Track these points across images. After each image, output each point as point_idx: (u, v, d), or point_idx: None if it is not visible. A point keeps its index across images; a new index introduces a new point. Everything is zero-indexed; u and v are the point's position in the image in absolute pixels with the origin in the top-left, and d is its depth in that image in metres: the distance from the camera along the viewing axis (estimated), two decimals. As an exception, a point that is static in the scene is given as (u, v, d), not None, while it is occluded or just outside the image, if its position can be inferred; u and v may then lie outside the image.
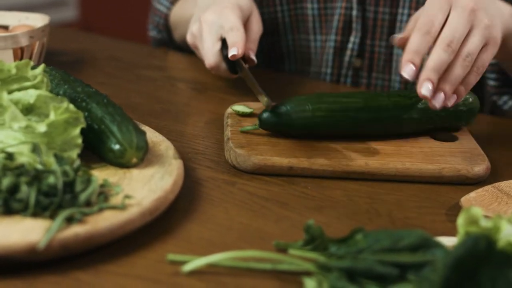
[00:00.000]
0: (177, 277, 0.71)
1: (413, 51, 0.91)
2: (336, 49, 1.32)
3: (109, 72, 1.28)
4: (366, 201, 0.87)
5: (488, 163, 0.95)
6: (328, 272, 0.69)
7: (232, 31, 1.05)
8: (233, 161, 0.93)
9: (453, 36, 0.92)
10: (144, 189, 0.80)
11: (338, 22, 1.30)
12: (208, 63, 1.09)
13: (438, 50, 0.91)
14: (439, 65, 0.91)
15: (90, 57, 1.35)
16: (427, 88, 0.90)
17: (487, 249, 0.64)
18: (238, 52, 1.04)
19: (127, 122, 0.85)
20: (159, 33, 1.44)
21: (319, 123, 0.96)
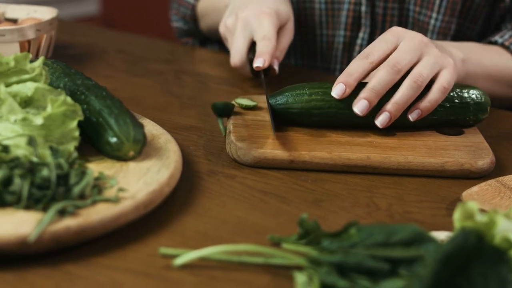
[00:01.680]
0: (169, 271, 0.70)
1: (347, 73, 0.94)
2: (345, 44, 1.31)
3: (117, 65, 1.28)
4: (366, 195, 0.86)
5: (492, 157, 0.93)
6: (319, 266, 0.68)
7: (264, 40, 1.06)
8: (234, 154, 0.92)
9: (399, 59, 0.94)
10: (140, 182, 0.80)
11: (347, 18, 1.29)
12: (233, 62, 1.11)
13: (380, 71, 0.94)
14: (379, 85, 0.93)
15: (98, 50, 1.35)
16: (360, 105, 0.93)
17: (478, 244, 0.63)
18: (263, 64, 1.05)
19: (125, 115, 0.85)
20: (186, 24, 1.45)
21: (317, 107, 0.95)
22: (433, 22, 1.26)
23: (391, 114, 0.95)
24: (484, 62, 1.15)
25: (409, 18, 1.28)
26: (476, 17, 1.29)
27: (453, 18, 1.26)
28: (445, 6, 1.25)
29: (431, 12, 1.26)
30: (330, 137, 0.95)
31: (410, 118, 0.95)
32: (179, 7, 1.45)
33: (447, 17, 1.26)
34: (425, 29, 1.27)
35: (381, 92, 0.94)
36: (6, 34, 1.12)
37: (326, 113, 0.96)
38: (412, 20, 1.28)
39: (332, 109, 0.96)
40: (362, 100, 0.94)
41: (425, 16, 1.26)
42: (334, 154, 0.91)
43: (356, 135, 0.96)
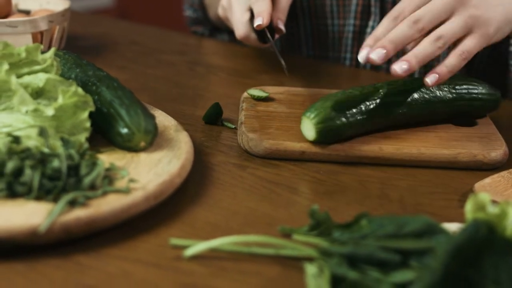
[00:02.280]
0: (179, 262, 0.70)
1: (374, 37, 0.91)
2: (355, 33, 1.31)
3: (130, 56, 1.28)
4: (378, 187, 0.86)
5: (505, 149, 0.92)
6: (330, 257, 0.68)
7: (258, 1, 1.05)
8: (245, 145, 0.92)
9: (423, 15, 0.90)
10: (150, 173, 0.79)
11: (356, 6, 1.28)
12: (238, 34, 1.10)
13: (401, 25, 0.90)
14: (398, 38, 0.90)
15: (111, 41, 1.35)
16: (378, 53, 0.89)
17: (489, 236, 0.62)
18: (263, 21, 1.04)
19: (136, 105, 0.85)
20: (195, 12, 1.44)
21: None
22: None
23: (410, 64, 0.89)
24: None
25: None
26: None
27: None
28: None
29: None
30: (341, 129, 0.94)
31: (428, 82, 0.91)
32: None
33: None
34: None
35: (399, 45, 0.90)
36: (19, 26, 1.12)
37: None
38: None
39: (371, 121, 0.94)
40: (380, 49, 0.89)
41: None
42: (346, 145, 0.90)
43: (368, 126, 0.95)
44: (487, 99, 1.00)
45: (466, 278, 0.62)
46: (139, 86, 1.13)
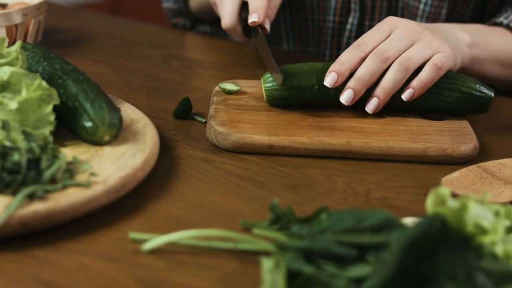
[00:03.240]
0: (137, 256, 0.70)
1: (339, 62, 0.94)
2: (334, 30, 1.30)
3: (107, 50, 1.27)
4: (345, 180, 0.86)
5: (476, 143, 0.92)
6: (286, 252, 0.67)
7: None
8: (213, 139, 0.91)
9: (387, 47, 0.94)
10: (113, 166, 0.79)
11: (336, 3, 1.28)
12: (224, 24, 1.09)
13: (367, 60, 0.94)
14: (366, 74, 0.93)
15: (89, 34, 1.34)
16: (347, 95, 0.94)
17: (443, 231, 0.62)
18: (258, 19, 1.04)
19: (101, 99, 0.84)
20: (175, 3, 1.43)
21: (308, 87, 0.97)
22: (422, 7, 1.25)
23: (380, 100, 0.94)
24: (491, 45, 1.13)
25: (399, 3, 1.27)
26: (467, 1, 1.27)
27: (443, 3, 1.25)
28: None
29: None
30: (311, 122, 0.94)
31: (404, 98, 0.95)
32: None
33: (437, 2, 1.24)
34: (414, 14, 1.25)
35: (368, 82, 0.94)
36: (-8, 19, 1.12)
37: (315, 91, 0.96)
38: (401, 5, 1.27)
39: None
40: (348, 90, 0.94)
41: (414, 1, 1.25)
42: (315, 139, 0.90)
43: (338, 119, 0.95)
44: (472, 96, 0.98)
45: (422, 273, 0.62)
46: (113, 80, 1.12)
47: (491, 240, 0.68)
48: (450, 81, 0.97)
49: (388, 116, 0.97)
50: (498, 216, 0.73)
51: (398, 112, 0.98)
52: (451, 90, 0.96)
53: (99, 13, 1.54)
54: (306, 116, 0.95)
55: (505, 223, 0.71)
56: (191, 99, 1.02)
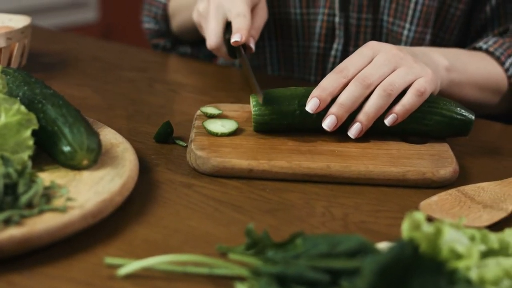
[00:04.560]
0: (112, 281, 0.70)
1: (321, 87, 0.94)
2: (319, 56, 1.31)
3: (90, 73, 1.27)
4: (323, 204, 0.86)
5: (455, 166, 0.92)
6: (260, 277, 0.67)
7: (239, 17, 1.06)
8: (193, 163, 0.92)
9: (369, 73, 0.94)
10: (91, 191, 0.79)
11: (321, 29, 1.29)
12: (209, 44, 1.10)
13: (349, 86, 0.94)
14: (348, 100, 0.93)
15: (73, 58, 1.34)
16: (329, 121, 0.94)
17: (415, 256, 0.62)
18: (241, 39, 1.05)
19: (80, 124, 0.84)
20: (157, 24, 1.44)
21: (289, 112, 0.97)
22: (406, 33, 1.25)
23: (363, 124, 0.94)
24: (469, 69, 1.15)
25: (383, 29, 1.28)
26: (451, 27, 1.28)
27: (427, 29, 1.26)
28: (418, 16, 1.24)
29: (404, 23, 1.25)
30: (291, 146, 0.94)
31: (386, 123, 0.95)
32: (150, 7, 1.44)
33: (421, 28, 1.25)
34: (398, 39, 1.26)
35: (350, 107, 0.94)
36: (-24, 43, 1.12)
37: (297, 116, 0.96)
38: (386, 31, 1.27)
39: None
40: (330, 116, 0.94)
41: (398, 26, 1.26)
42: (294, 163, 0.90)
43: (319, 143, 0.95)
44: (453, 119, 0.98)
45: (394, 298, 0.62)
46: (95, 103, 1.13)
47: (465, 265, 0.68)
48: (431, 105, 0.97)
49: (368, 140, 0.97)
50: (473, 240, 0.74)
51: (379, 135, 0.98)
52: (432, 113, 0.97)
53: (84, 36, 1.54)
54: (286, 140, 0.96)
55: (480, 248, 0.72)
56: (174, 122, 1.03)
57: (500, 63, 1.20)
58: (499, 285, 0.69)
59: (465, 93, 1.14)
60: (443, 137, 0.99)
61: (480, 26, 1.30)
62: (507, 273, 0.69)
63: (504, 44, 1.21)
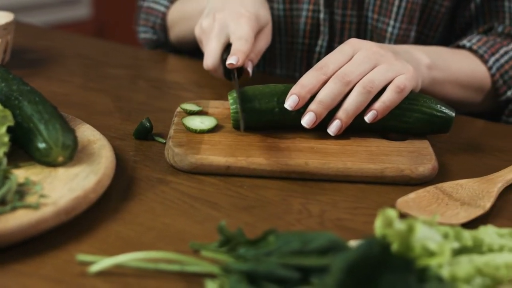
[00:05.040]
0: (83, 278, 0.69)
1: (300, 84, 0.94)
2: (303, 52, 1.31)
3: (74, 70, 1.27)
4: (300, 201, 0.86)
5: (434, 163, 0.92)
6: (231, 274, 0.67)
7: (240, 40, 1.04)
8: (171, 160, 0.91)
9: (349, 70, 0.94)
10: (65, 188, 0.79)
11: (305, 25, 1.28)
12: (206, 64, 1.08)
13: (329, 83, 0.94)
14: (328, 97, 0.93)
15: (58, 54, 1.34)
16: (308, 118, 0.94)
17: (383, 254, 0.62)
18: (237, 62, 1.02)
19: (55, 120, 0.84)
20: (155, 34, 1.41)
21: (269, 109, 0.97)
22: (391, 30, 1.25)
23: (342, 122, 0.94)
24: (451, 67, 1.14)
25: (368, 25, 1.27)
26: (436, 24, 1.28)
27: (411, 26, 1.26)
28: (402, 13, 1.24)
29: (388, 20, 1.25)
30: (269, 143, 0.94)
31: (366, 120, 0.95)
32: (148, 17, 1.41)
33: (405, 25, 1.25)
34: (383, 36, 1.26)
35: (330, 104, 0.94)
36: (-43, 39, 1.12)
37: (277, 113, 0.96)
38: (370, 28, 1.27)
39: None
40: (309, 113, 0.93)
41: (383, 23, 1.25)
42: (272, 160, 0.90)
43: (298, 140, 0.95)
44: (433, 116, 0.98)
45: (363, 295, 0.62)
46: (78, 100, 1.12)
47: (438, 262, 0.68)
48: (411, 102, 0.97)
49: (348, 137, 0.97)
50: (447, 238, 0.73)
51: (359, 133, 0.98)
52: (412, 111, 0.97)
53: (71, 33, 1.54)
54: (265, 137, 0.95)
55: (453, 245, 0.71)
56: (155, 119, 1.03)
57: (483, 61, 1.19)
58: (471, 282, 0.68)
59: (447, 91, 1.14)
60: (423, 134, 0.99)
61: (464, 24, 1.29)
62: (479, 270, 0.69)
63: (488, 42, 1.21)
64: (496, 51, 1.20)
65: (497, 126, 1.15)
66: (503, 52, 1.20)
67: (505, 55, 1.20)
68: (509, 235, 0.76)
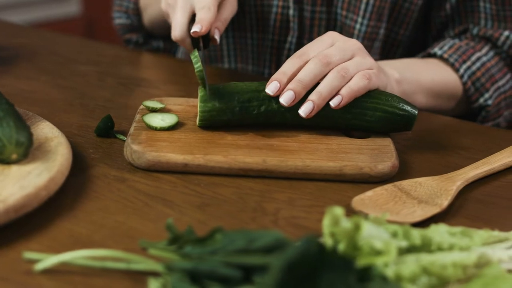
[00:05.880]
0: (28, 276, 0.69)
1: (281, 71, 0.94)
2: (273, 48, 1.30)
3: (44, 67, 1.27)
4: (256, 200, 0.85)
5: (395, 161, 0.92)
6: (174, 273, 0.67)
7: (203, 9, 1.04)
8: (129, 157, 0.91)
9: (330, 53, 0.94)
10: (16, 186, 0.79)
11: (275, 22, 1.28)
12: (174, 35, 1.08)
13: (309, 63, 0.94)
14: (307, 77, 0.93)
15: (30, 52, 1.34)
16: (286, 96, 0.93)
17: (321, 252, 0.62)
18: (200, 30, 1.02)
19: (9, 118, 0.84)
20: (128, 18, 1.42)
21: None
22: (359, 27, 1.25)
23: (314, 104, 0.93)
24: (421, 79, 1.16)
25: (337, 22, 1.27)
26: (406, 22, 1.27)
27: (380, 23, 1.25)
28: (370, 10, 1.24)
29: (357, 17, 1.25)
30: (230, 141, 0.94)
31: (331, 104, 0.94)
32: (121, 2, 1.42)
33: (373, 22, 1.25)
34: (351, 33, 1.26)
35: (308, 84, 0.93)
36: None
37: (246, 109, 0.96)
38: (339, 24, 1.27)
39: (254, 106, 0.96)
40: (288, 91, 0.93)
41: (351, 20, 1.25)
42: (230, 157, 0.90)
43: (258, 138, 0.95)
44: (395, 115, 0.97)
45: (304, 294, 0.61)
46: (43, 97, 1.12)
47: (384, 261, 0.68)
48: (373, 101, 0.97)
49: (310, 134, 0.96)
50: (395, 236, 0.73)
51: (322, 130, 0.97)
52: (374, 109, 0.96)
53: (45, 30, 1.53)
54: (226, 134, 0.95)
55: (399, 244, 0.71)
56: (120, 116, 1.02)
57: (454, 69, 1.20)
58: (416, 282, 0.68)
59: (418, 101, 1.16)
60: (386, 132, 0.99)
61: (440, 24, 1.29)
62: (425, 269, 0.69)
63: (460, 48, 1.21)
64: (467, 58, 1.20)
65: (463, 123, 1.15)
66: (475, 59, 1.20)
67: (477, 62, 1.20)
68: (461, 233, 0.76)
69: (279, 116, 0.96)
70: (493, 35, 1.23)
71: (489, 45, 1.23)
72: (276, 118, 0.96)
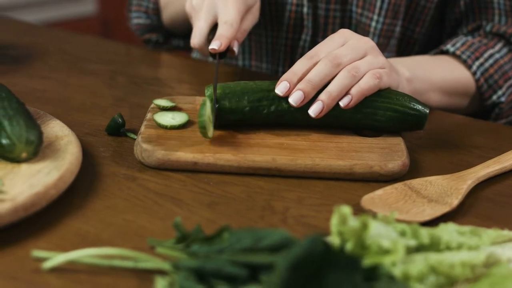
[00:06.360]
0: (36, 274, 0.70)
1: (291, 71, 0.94)
2: (287, 46, 1.30)
3: (55, 66, 1.27)
4: (265, 198, 0.85)
5: (405, 160, 0.91)
6: (180, 271, 0.67)
7: (225, 24, 1.04)
8: (139, 156, 0.91)
9: (340, 53, 0.94)
10: (25, 184, 0.79)
11: (289, 20, 1.28)
12: (193, 42, 1.09)
13: (319, 63, 0.94)
14: (316, 77, 0.93)
15: (40, 50, 1.34)
16: (295, 96, 0.93)
17: (328, 252, 0.61)
18: (219, 48, 1.03)
19: (19, 116, 0.84)
20: (148, 18, 1.41)
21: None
22: (374, 24, 1.24)
23: (324, 103, 0.93)
24: (432, 77, 1.15)
25: (352, 19, 1.27)
26: (422, 20, 1.27)
27: (396, 21, 1.25)
28: (386, 8, 1.23)
29: (372, 14, 1.24)
30: (240, 139, 0.93)
31: (341, 104, 0.94)
32: (140, 2, 1.41)
33: (389, 20, 1.24)
34: (366, 31, 1.25)
35: (318, 84, 0.93)
36: None
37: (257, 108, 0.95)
38: (354, 22, 1.26)
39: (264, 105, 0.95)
40: (297, 91, 0.93)
41: (366, 18, 1.25)
42: (240, 156, 0.90)
43: (268, 137, 0.95)
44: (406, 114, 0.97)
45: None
46: (55, 96, 1.12)
47: (391, 260, 0.67)
48: (383, 100, 0.96)
49: (320, 133, 0.96)
50: (404, 235, 0.73)
51: (332, 129, 0.97)
52: (384, 109, 0.96)
53: (57, 29, 1.54)
54: (236, 133, 0.95)
55: (407, 243, 0.71)
56: (131, 115, 1.02)
57: (467, 66, 1.19)
58: (424, 281, 0.68)
59: (431, 99, 1.15)
60: (397, 132, 0.98)
61: (454, 21, 1.29)
62: (433, 268, 0.68)
63: (472, 45, 1.20)
64: (480, 55, 1.19)
65: (475, 122, 1.14)
66: (488, 56, 1.19)
67: (490, 59, 1.19)
68: (470, 233, 0.76)
69: (289, 116, 0.95)
70: (506, 31, 1.22)
71: (502, 42, 1.22)
72: (286, 118, 0.96)
